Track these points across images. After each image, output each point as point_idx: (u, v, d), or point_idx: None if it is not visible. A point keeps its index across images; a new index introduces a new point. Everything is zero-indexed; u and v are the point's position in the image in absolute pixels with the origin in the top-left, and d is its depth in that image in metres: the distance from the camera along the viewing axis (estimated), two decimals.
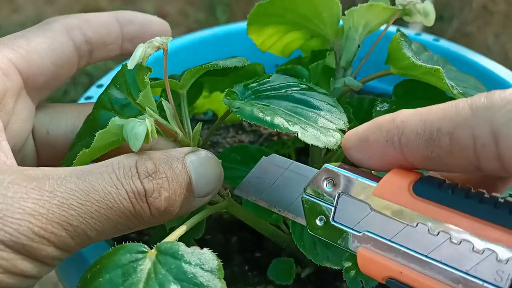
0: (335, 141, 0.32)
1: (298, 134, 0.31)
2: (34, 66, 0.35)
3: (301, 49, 0.49)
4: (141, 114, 0.32)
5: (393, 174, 0.27)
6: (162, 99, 0.33)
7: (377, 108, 0.40)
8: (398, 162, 0.27)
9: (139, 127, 0.29)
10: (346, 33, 0.41)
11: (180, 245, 0.28)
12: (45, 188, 0.27)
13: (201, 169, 0.31)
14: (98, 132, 0.30)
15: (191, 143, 0.35)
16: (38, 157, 0.38)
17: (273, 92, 0.36)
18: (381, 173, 0.28)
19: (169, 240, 0.29)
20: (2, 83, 0.33)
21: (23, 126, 0.36)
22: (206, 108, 0.51)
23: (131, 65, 0.32)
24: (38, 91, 0.37)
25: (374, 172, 0.29)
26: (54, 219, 0.27)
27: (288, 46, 0.48)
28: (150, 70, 0.32)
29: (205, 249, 0.28)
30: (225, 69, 0.38)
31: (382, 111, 0.39)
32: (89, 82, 1.35)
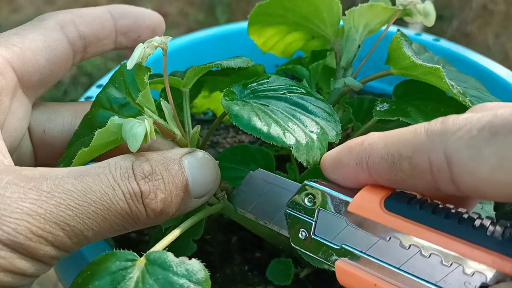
0: (318, 160, 0.33)
1: (292, 150, 0.32)
2: (29, 64, 0.35)
3: (302, 50, 0.49)
4: (140, 114, 0.32)
5: (366, 191, 0.28)
6: (161, 99, 0.33)
7: (377, 108, 0.40)
8: (370, 182, 0.28)
9: (138, 128, 0.29)
10: (347, 33, 0.41)
11: (169, 255, 0.28)
12: (43, 189, 0.27)
13: (198, 171, 0.32)
14: (97, 131, 0.30)
15: (189, 144, 0.35)
16: (35, 156, 0.38)
17: (272, 93, 0.36)
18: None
19: (158, 250, 0.29)
20: None
21: (20, 125, 0.36)
22: (206, 108, 0.51)
23: (131, 65, 0.32)
24: (34, 89, 0.36)
25: None
26: (52, 219, 0.27)
27: (290, 47, 0.48)
28: (150, 70, 0.32)
29: (193, 260, 0.28)
30: (227, 69, 0.38)
31: (382, 111, 0.39)
32: (89, 82, 1.35)
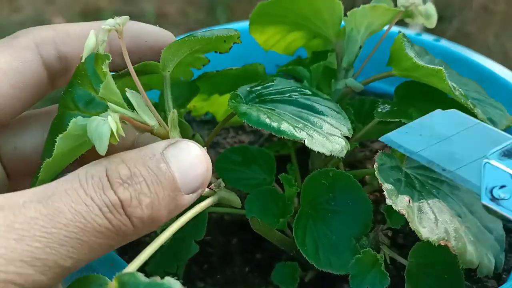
0: (340, 148, 0.32)
1: (305, 141, 0.31)
2: None
3: (305, 47, 0.49)
4: (107, 109, 0.29)
5: None
6: (127, 90, 0.30)
7: (379, 110, 0.40)
8: None
9: (103, 126, 0.26)
10: (348, 34, 0.41)
11: (139, 277, 0.25)
12: (0, 222, 0.23)
13: (185, 163, 0.28)
14: (58, 137, 0.27)
15: (171, 134, 0.31)
16: (8, 176, 0.34)
17: (278, 96, 0.36)
18: None
19: (132, 269, 0.27)
20: None
21: None
22: (205, 111, 0.51)
23: (85, 55, 0.29)
24: None
25: None
26: (16, 257, 0.23)
27: (291, 45, 0.49)
28: (108, 58, 0.29)
29: (166, 279, 0.25)
30: (225, 71, 0.38)
31: (384, 113, 0.39)
32: None
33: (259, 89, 0.36)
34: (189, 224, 0.32)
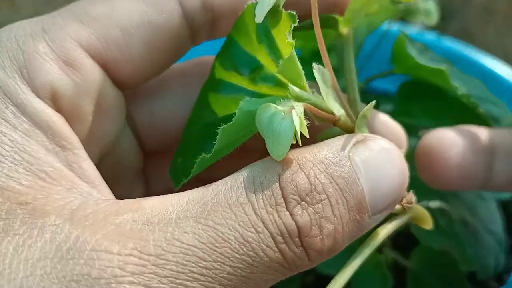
0: None
1: None
2: (115, 50, 0.24)
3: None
4: (279, 85, 0.23)
5: None
6: (314, 64, 0.22)
7: (380, 108, 0.39)
8: None
9: (283, 123, 0.19)
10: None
11: None
12: (149, 251, 0.17)
13: (377, 172, 0.20)
14: (221, 129, 0.21)
15: (357, 128, 0.23)
16: (143, 148, 0.29)
17: None
18: None
19: None
20: (67, 82, 0.22)
21: (112, 127, 0.26)
22: None
23: (260, 17, 0.21)
24: (124, 84, 0.26)
25: None
26: None
27: None
28: (295, 20, 0.22)
29: None
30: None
31: (385, 111, 0.39)
32: None
33: None
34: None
